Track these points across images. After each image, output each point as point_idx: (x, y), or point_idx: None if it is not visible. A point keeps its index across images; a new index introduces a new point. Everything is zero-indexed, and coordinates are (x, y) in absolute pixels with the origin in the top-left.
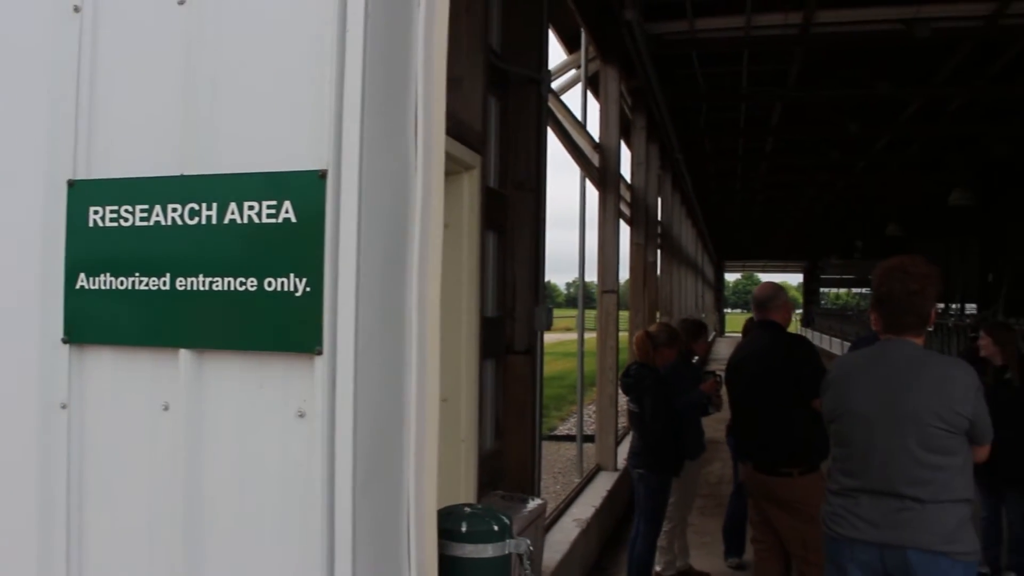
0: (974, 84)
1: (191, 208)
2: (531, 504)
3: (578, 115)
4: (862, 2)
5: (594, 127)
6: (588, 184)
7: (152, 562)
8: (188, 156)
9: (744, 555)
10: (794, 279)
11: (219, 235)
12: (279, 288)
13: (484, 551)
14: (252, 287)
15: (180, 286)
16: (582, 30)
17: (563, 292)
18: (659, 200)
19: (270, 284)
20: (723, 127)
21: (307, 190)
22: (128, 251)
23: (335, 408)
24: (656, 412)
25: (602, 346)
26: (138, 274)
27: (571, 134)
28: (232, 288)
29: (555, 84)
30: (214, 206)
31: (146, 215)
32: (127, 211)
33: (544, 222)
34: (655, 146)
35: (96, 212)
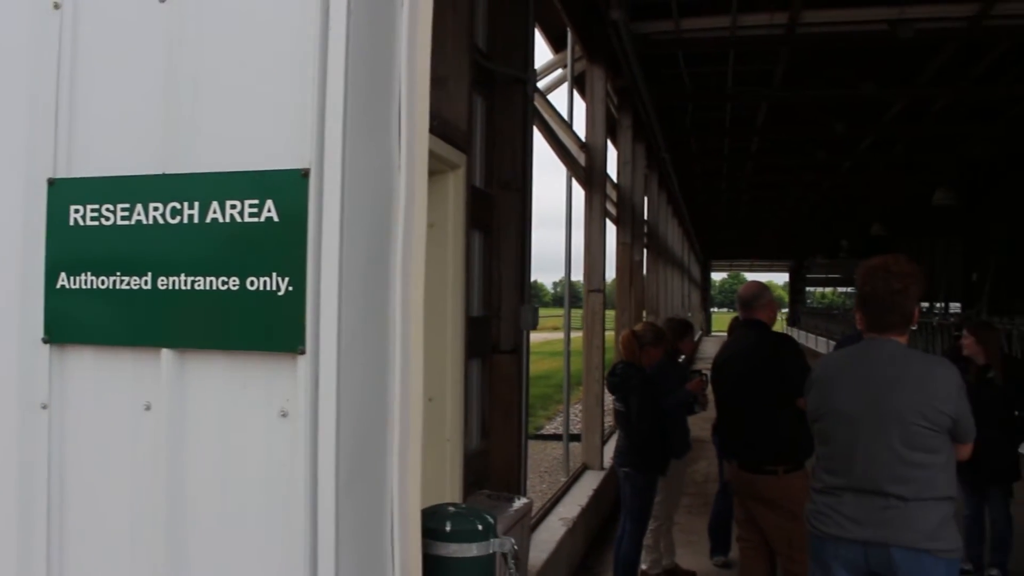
0: (958, 85)
1: (173, 207)
2: (517, 503)
3: (564, 114)
4: (847, 3)
5: (580, 127)
6: (574, 183)
7: (134, 563)
8: (170, 155)
9: (730, 553)
10: (780, 278)
11: (201, 234)
12: (261, 287)
13: (468, 550)
14: (234, 286)
15: (162, 285)
16: (568, 30)
17: (550, 291)
18: (645, 199)
19: (252, 283)
20: (709, 127)
21: (289, 189)
22: (109, 250)
23: (318, 408)
24: (642, 411)
25: (588, 345)
26: (119, 273)
27: (557, 133)
28: (214, 287)
29: (541, 83)
30: (196, 205)
31: (127, 214)
32: (108, 210)
33: (530, 221)
34: (641, 146)
35: (77, 211)
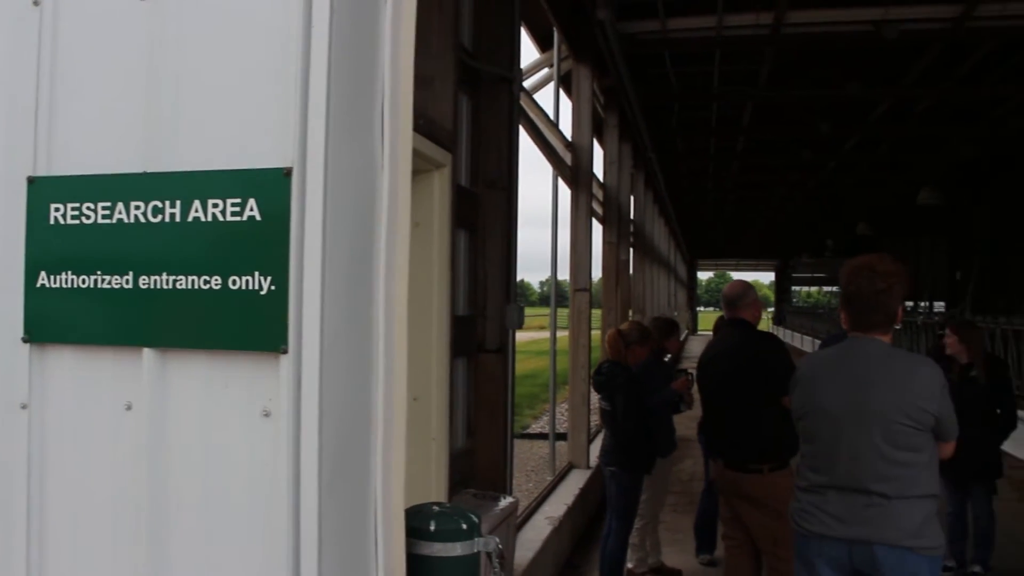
0: (942, 86)
1: (154, 206)
2: (503, 502)
3: (551, 114)
4: (832, 3)
5: (566, 126)
6: (560, 183)
7: (115, 563)
8: (151, 153)
9: (715, 551)
10: (766, 277)
11: (183, 233)
12: (244, 287)
13: (453, 549)
14: (216, 286)
15: (143, 284)
16: (554, 29)
17: (536, 291)
18: (631, 199)
19: (235, 283)
20: (695, 126)
21: (272, 188)
22: (90, 249)
23: (300, 407)
24: (628, 410)
25: (574, 344)
26: (100, 272)
27: (543, 133)
28: (196, 287)
29: (527, 83)
30: (178, 204)
31: (108, 212)
32: (89, 208)
33: (516, 221)
34: (628, 145)
35: (57, 209)
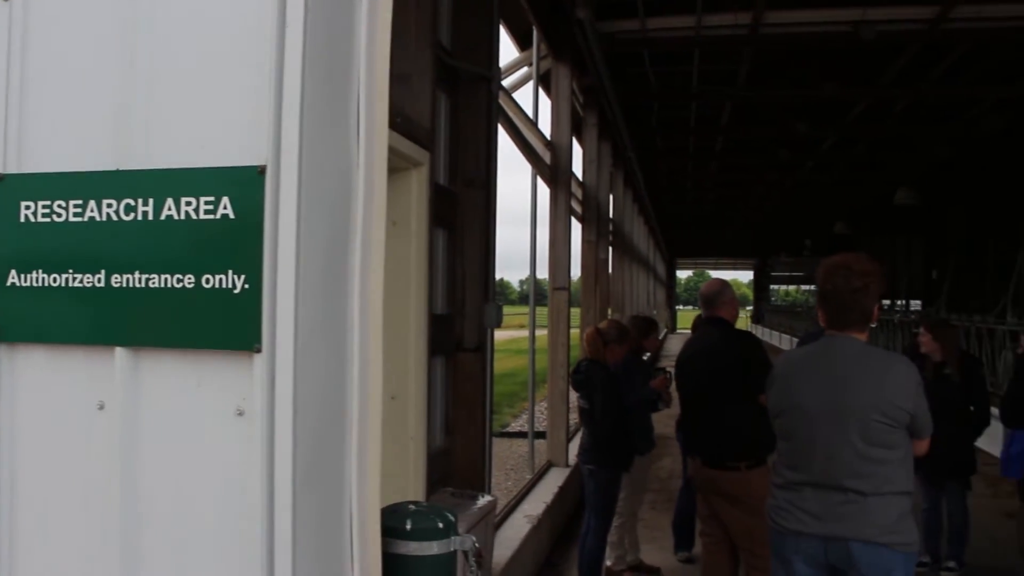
0: (918, 86)
1: (127, 204)
2: (481, 501)
3: (530, 113)
4: (810, 4)
5: (546, 125)
6: (540, 181)
7: (88, 563)
8: (124, 151)
9: (693, 549)
10: (745, 276)
11: (156, 231)
12: (217, 285)
13: (429, 548)
14: (189, 284)
15: (116, 283)
16: (534, 28)
17: (516, 289)
18: (611, 198)
19: (208, 281)
20: (674, 126)
21: (246, 186)
22: (61, 247)
23: (274, 406)
24: (606, 408)
25: (553, 343)
26: (72, 271)
27: (522, 132)
28: (169, 285)
29: (507, 82)
30: (151, 202)
31: (80, 210)
32: (60, 206)
33: (494, 219)
34: (607, 144)
35: (28, 207)
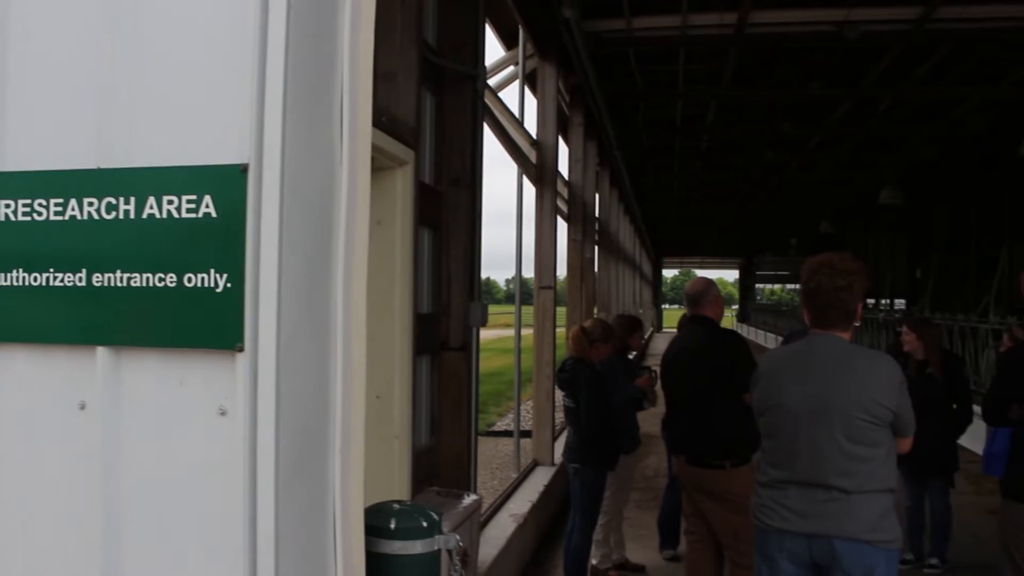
0: (902, 86)
1: (108, 202)
2: (467, 500)
3: (516, 112)
4: (795, 4)
5: (532, 124)
6: (525, 180)
7: (69, 563)
8: (105, 149)
9: (679, 547)
10: (731, 275)
11: (137, 230)
12: (199, 284)
13: (413, 547)
14: (171, 283)
15: (97, 282)
16: (520, 27)
17: (502, 288)
18: (597, 197)
19: (190, 280)
20: (660, 125)
21: (228, 184)
22: (42, 246)
23: (257, 405)
24: (591, 407)
25: (539, 342)
26: (52, 270)
27: (508, 131)
28: (151, 284)
29: (493, 81)
30: (132, 200)
31: (61, 209)
32: (40, 205)
33: (480, 218)
34: (593, 143)
35: (7, 206)
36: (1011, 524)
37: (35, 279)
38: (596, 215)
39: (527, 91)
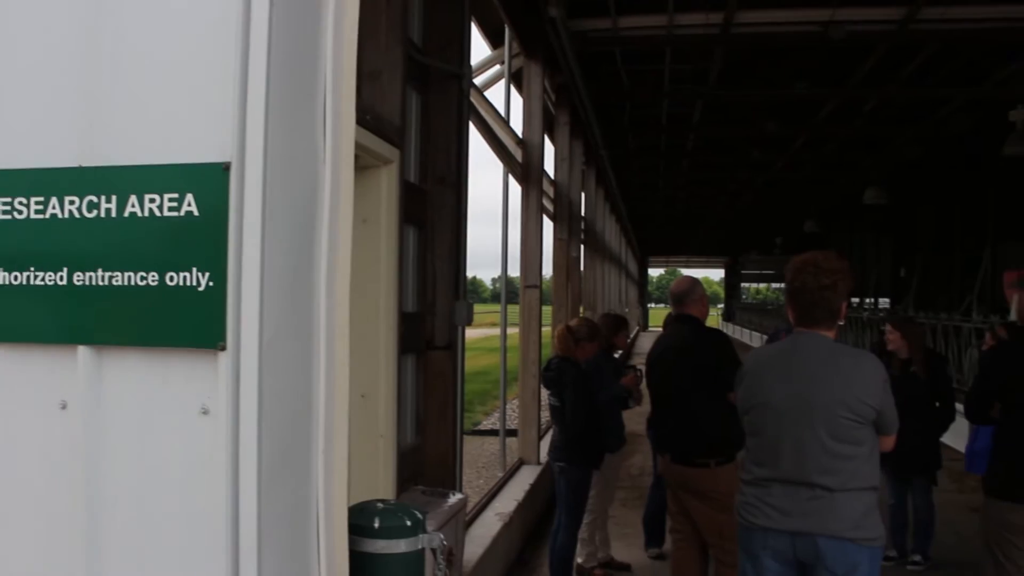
0: (887, 87)
1: (89, 200)
2: (452, 499)
3: (502, 111)
4: (780, 4)
5: (517, 123)
6: (511, 179)
7: (50, 564)
8: (86, 147)
9: (664, 545)
10: (716, 274)
11: (119, 228)
12: (181, 283)
13: (396, 546)
14: (153, 282)
15: (78, 281)
16: (506, 26)
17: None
18: (582, 196)
19: (172, 279)
20: (646, 124)
21: (210, 183)
22: (22, 245)
23: (239, 404)
24: (577, 406)
25: (525, 341)
26: (33, 268)
27: (494, 129)
28: (133, 283)
29: (479, 80)
30: (113, 199)
31: (41, 208)
32: (21, 203)
33: (465, 217)
34: (579, 142)
35: None
36: (993, 522)
37: (15, 278)
38: (582, 214)
39: (513, 90)
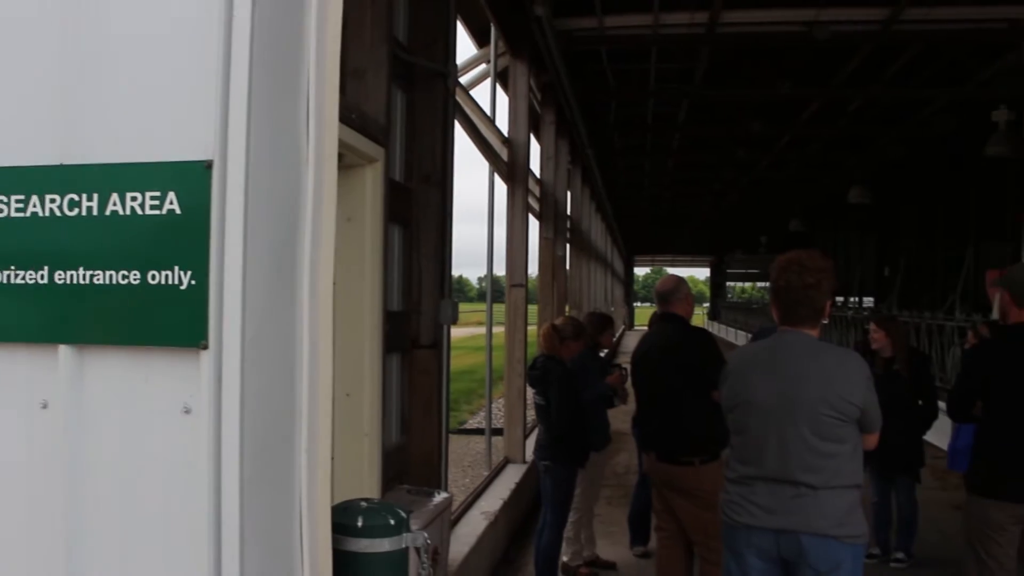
0: (871, 87)
1: (71, 199)
2: (437, 498)
3: (487, 109)
4: (765, 4)
5: (503, 122)
6: (497, 178)
7: (31, 566)
8: (67, 145)
9: (649, 543)
10: (702, 273)
11: (100, 227)
12: (163, 281)
13: (380, 545)
14: (135, 280)
15: (59, 280)
16: (492, 24)
17: (475, 286)
18: (568, 195)
19: (154, 277)
20: (632, 123)
21: (192, 181)
22: (3, 243)
23: (221, 403)
24: (562, 404)
25: (510, 340)
26: (14, 267)
27: (479, 128)
28: (114, 282)
29: (465, 78)
30: (95, 197)
31: (22, 206)
32: (1, 201)
33: (451, 216)
34: (564, 141)
35: None
36: (974, 519)
37: None
38: (568, 213)
39: (499, 89)
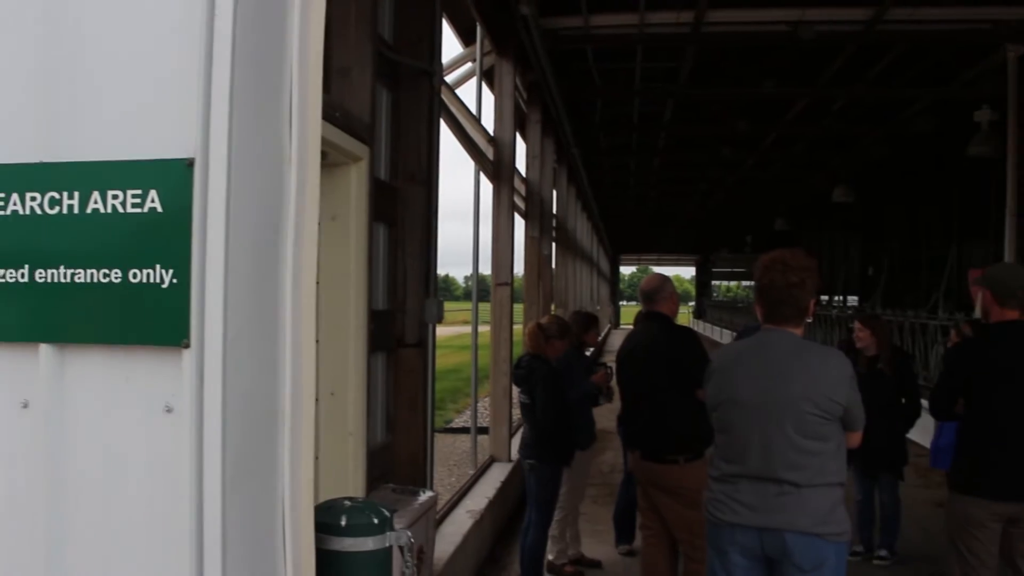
0: (855, 86)
1: (51, 197)
2: (422, 497)
3: (473, 108)
4: (751, 3)
5: (489, 121)
6: (482, 177)
7: (11, 567)
8: (48, 142)
9: (634, 542)
10: (687, 272)
11: (81, 225)
12: (145, 280)
13: (364, 544)
14: (116, 279)
15: (40, 278)
16: (477, 23)
17: (461, 285)
18: (554, 193)
19: (135, 276)
20: (618, 122)
21: (174, 179)
22: None
23: (203, 402)
24: (547, 403)
25: (496, 339)
26: None
27: (465, 127)
28: (95, 280)
29: (451, 77)
30: (76, 195)
31: (2, 204)
32: None
33: (436, 215)
34: (550, 140)
35: None
36: (956, 516)
37: None
38: (553, 212)
39: (484, 88)
